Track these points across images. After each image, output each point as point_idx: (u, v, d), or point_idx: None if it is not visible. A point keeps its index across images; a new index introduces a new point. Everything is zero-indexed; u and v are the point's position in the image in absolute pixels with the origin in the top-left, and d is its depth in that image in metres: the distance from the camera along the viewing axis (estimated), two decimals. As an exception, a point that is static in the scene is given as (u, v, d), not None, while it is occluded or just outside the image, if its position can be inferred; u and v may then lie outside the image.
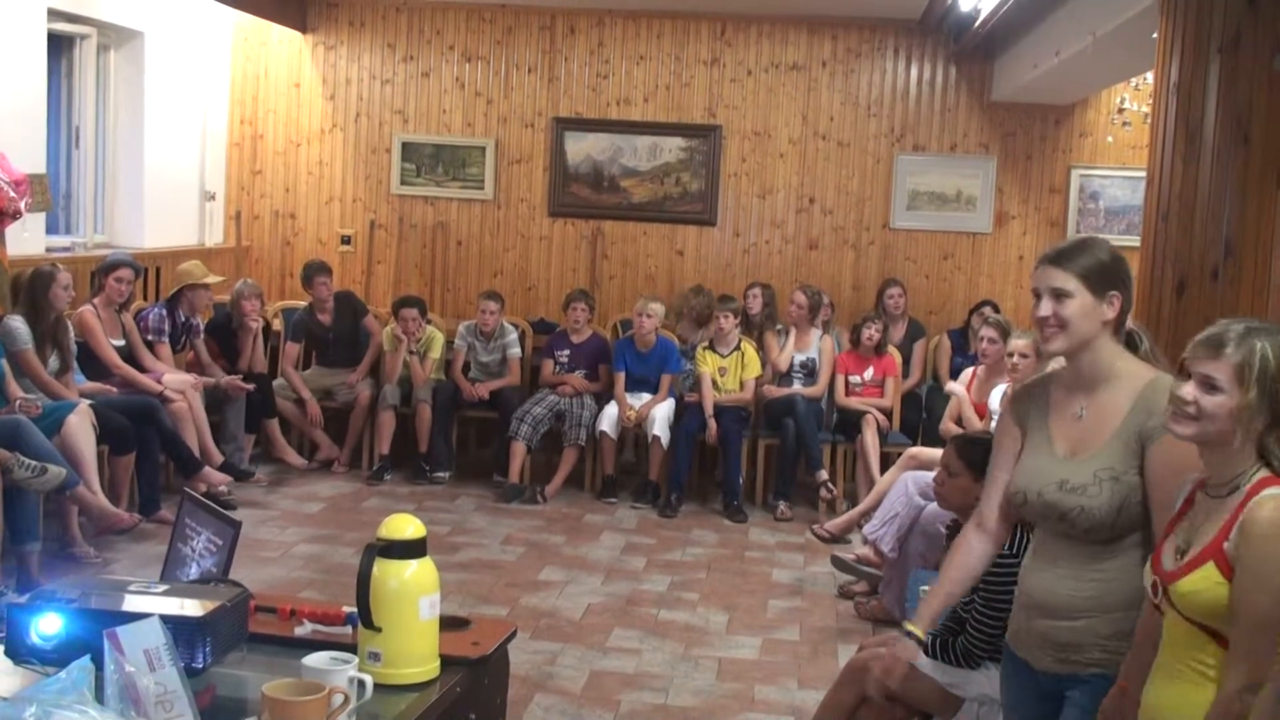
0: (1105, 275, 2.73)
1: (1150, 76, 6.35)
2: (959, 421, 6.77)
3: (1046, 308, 2.74)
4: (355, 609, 2.60)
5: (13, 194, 6.59)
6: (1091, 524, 2.73)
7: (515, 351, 8.54)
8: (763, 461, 8.21)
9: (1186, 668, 2.43)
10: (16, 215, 6.69)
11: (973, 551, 3.00)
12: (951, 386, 7.24)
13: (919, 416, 8.57)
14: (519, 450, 8.01)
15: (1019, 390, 3.05)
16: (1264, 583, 2.27)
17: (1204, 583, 2.36)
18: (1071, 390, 2.84)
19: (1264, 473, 2.35)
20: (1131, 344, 2.84)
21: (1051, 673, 2.83)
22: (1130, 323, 2.84)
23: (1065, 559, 2.80)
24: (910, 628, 3.01)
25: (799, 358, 8.35)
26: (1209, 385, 2.39)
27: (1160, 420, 2.58)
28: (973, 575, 3.04)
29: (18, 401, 6.06)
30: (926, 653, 3.93)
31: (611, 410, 8.11)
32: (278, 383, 8.38)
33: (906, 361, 8.69)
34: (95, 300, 7.15)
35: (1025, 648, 2.89)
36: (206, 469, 7.13)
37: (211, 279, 7.88)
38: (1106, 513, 2.71)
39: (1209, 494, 2.46)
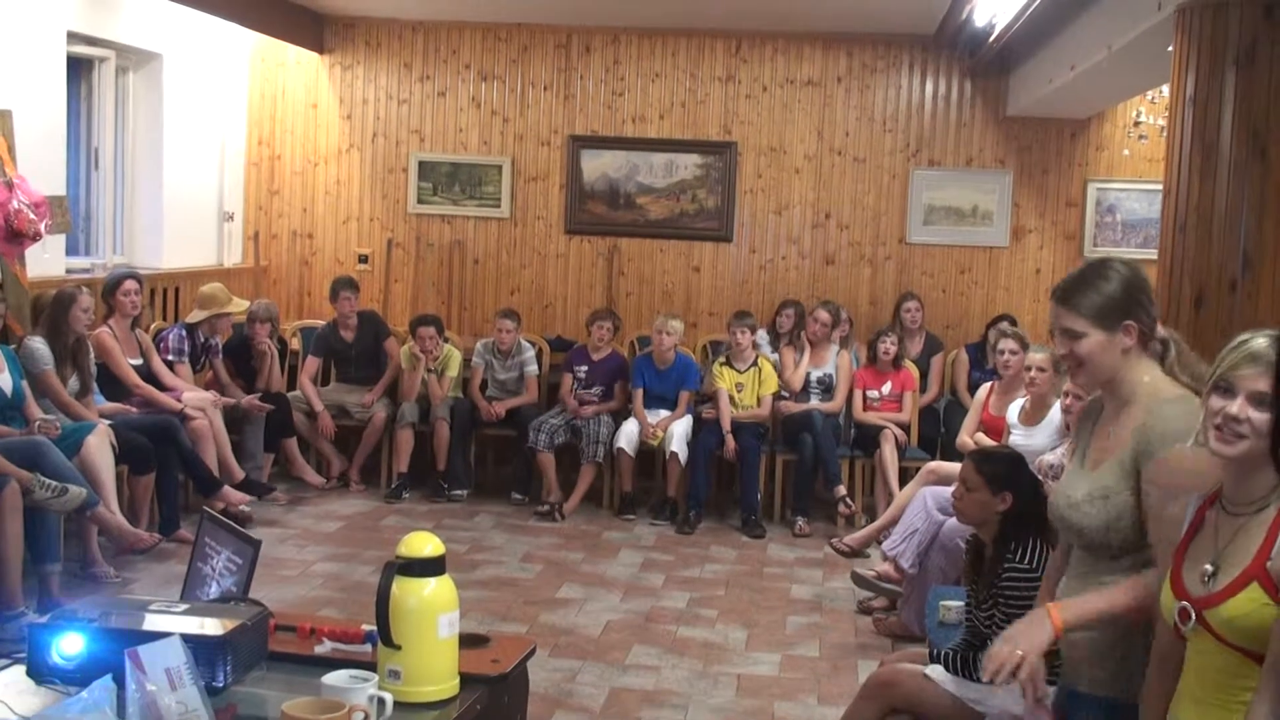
0: (1115, 308, 2.68)
1: (1166, 90, 6.34)
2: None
3: (1063, 346, 2.73)
4: (375, 627, 2.61)
5: (33, 216, 6.65)
6: (1087, 542, 2.75)
7: (532, 369, 8.55)
8: (780, 477, 8.19)
9: (1227, 696, 2.27)
10: (37, 237, 6.75)
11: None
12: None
13: (937, 431, 8.55)
14: (548, 462, 8.04)
15: (1086, 405, 2.99)
16: None
17: (1250, 604, 2.22)
18: (1111, 408, 2.82)
19: None
20: (1163, 353, 2.77)
21: (1065, 685, 2.84)
22: (1161, 330, 2.78)
23: (1077, 568, 2.82)
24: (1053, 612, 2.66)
25: (815, 374, 8.34)
26: (1259, 400, 2.27)
27: (1156, 446, 2.57)
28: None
29: (37, 422, 6.09)
30: (947, 667, 3.92)
31: (629, 428, 8.11)
32: (293, 394, 8.40)
33: (924, 376, 8.66)
34: (110, 321, 7.17)
35: None
36: (226, 488, 7.15)
37: (237, 306, 7.91)
38: (1096, 531, 2.71)
39: (1229, 512, 2.34)
